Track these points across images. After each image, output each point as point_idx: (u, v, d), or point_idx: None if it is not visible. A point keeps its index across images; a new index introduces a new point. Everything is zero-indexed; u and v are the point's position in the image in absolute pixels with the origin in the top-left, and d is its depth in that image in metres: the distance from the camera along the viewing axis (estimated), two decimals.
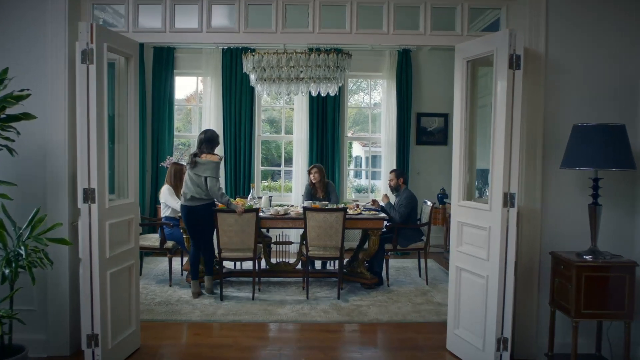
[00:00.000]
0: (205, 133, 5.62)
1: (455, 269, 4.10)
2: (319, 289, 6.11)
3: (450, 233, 4.18)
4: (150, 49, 8.21)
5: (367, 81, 13.37)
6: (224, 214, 5.46)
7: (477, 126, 4.42)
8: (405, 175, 6.59)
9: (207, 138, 5.56)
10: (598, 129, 3.49)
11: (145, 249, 6.23)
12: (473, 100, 4.31)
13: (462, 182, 4.08)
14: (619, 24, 3.94)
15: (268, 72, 6.25)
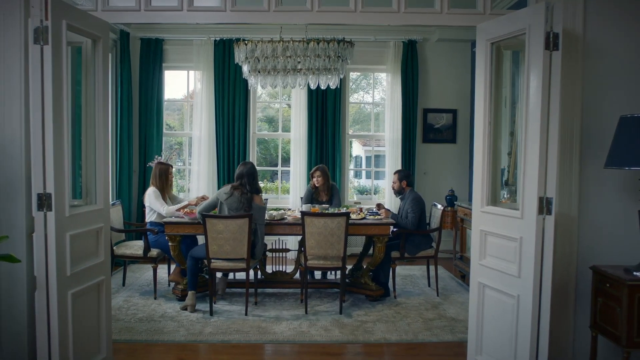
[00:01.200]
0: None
1: (477, 286, 3.52)
2: (318, 301, 5.54)
3: (472, 243, 3.60)
4: (137, 41, 7.65)
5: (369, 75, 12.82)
6: (212, 219, 4.89)
7: (502, 120, 3.81)
8: (411, 178, 6.02)
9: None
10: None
11: (128, 257, 5.67)
12: (497, 90, 3.67)
13: (485, 184, 3.50)
14: None
15: (262, 63, 5.67)
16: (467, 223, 6.21)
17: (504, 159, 3.92)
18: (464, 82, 7.96)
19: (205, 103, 7.68)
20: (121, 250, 5.67)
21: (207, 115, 7.68)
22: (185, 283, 5.54)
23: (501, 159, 3.82)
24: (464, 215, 6.24)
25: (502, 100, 3.85)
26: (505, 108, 6.68)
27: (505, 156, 4.01)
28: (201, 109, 7.70)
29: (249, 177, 5.05)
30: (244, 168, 5.12)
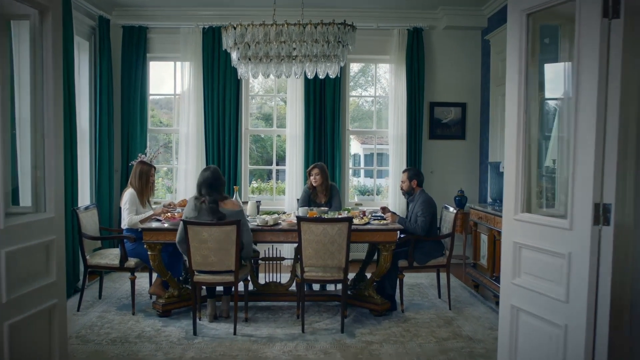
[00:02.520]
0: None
1: (508, 309, 2.91)
2: (317, 316, 4.93)
3: (503, 257, 2.98)
4: (119, 29, 7.01)
5: (368, 72, 12.16)
6: (195, 226, 4.27)
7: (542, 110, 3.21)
8: (422, 177, 5.41)
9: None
10: None
11: (103, 267, 5.04)
12: (534, 74, 3.05)
13: (521, 187, 2.88)
14: None
15: (253, 49, 5.04)
16: (481, 227, 5.60)
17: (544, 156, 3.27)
18: (474, 73, 7.35)
19: (193, 97, 7.06)
20: (95, 260, 5.04)
21: (195, 110, 7.06)
22: (168, 297, 4.93)
23: (543, 156, 3.18)
24: (477, 218, 5.63)
25: (537, 87, 3.21)
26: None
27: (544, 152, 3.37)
28: (189, 103, 7.07)
29: (209, 187, 4.43)
30: (201, 177, 4.52)
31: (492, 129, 6.84)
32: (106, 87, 6.69)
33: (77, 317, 4.86)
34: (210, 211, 4.33)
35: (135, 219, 5.00)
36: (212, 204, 4.34)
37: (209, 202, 4.35)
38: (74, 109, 5.63)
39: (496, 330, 4.59)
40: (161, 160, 8.05)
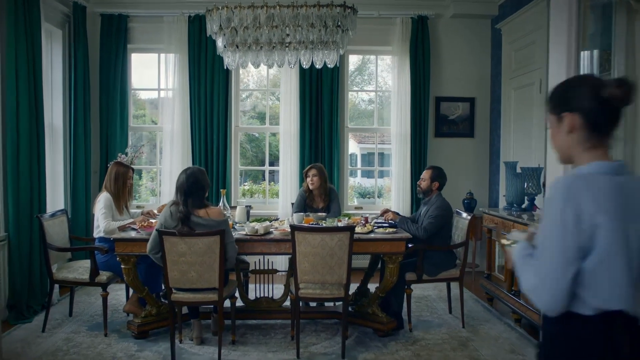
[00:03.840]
0: None
1: None
2: (314, 337, 4.36)
3: None
4: (97, 17, 6.43)
5: (367, 67, 11.56)
6: (171, 237, 3.68)
7: None
8: (445, 180, 4.85)
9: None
10: None
11: (71, 283, 4.45)
12: None
13: None
14: None
15: (241, 35, 4.48)
16: (496, 234, 5.03)
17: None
18: (484, 65, 6.79)
19: (178, 91, 6.48)
20: (62, 274, 4.45)
21: (180, 105, 6.47)
22: (144, 315, 4.34)
23: None
24: (492, 224, 5.06)
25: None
26: (540, 94, 5.50)
27: None
28: (174, 99, 6.50)
29: (184, 193, 3.81)
30: (177, 181, 3.90)
31: (505, 126, 6.27)
32: (82, 80, 6.09)
33: (41, 340, 4.26)
34: (180, 220, 3.73)
35: (113, 225, 4.43)
36: (181, 212, 3.73)
37: (179, 210, 3.74)
38: (40, 103, 5.03)
39: (519, 354, 4.03)
40: (145, 160, 7.45)
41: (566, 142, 1.65)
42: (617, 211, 1.51)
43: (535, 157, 5.44)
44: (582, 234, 1.50)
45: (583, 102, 1.59)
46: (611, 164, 1.59)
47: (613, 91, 1.55)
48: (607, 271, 1.50)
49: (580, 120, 1.60)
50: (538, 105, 5.43)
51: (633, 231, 1.52)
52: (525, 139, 5.74)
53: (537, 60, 5.47)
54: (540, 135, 5.35)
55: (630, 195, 1.54)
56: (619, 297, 1.51)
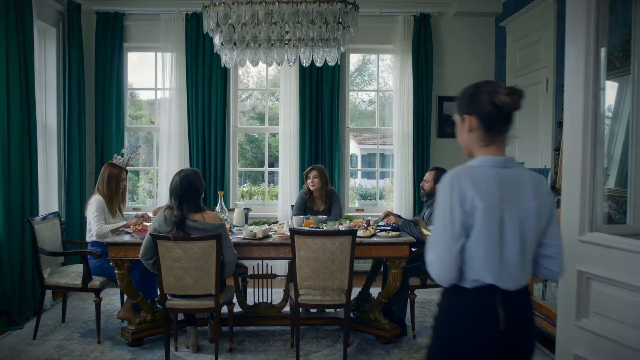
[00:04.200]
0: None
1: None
2: (315, 344, 4.21)
3: (560, 291, 2.25)
4: (92, 15, 6.27)
5: (368, 67, 11.41)
6: (166, 242, 3.54)
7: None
8: None
9: None
10: None
11: (63, 288, 4.31)
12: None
13: (587, 197, 2.14)
14: None
15: (239, 32, 4.32)
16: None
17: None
18: (487, 64, 6.64)
19: (175, 91, 6.33)
20: (54, 279, 4.30)
21: (177, 105, 6.32)
22: (139, 322, 4.20)
23: (611, 154, 2.45)
24: None
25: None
26: (547, 92, 5.35)
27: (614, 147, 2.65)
28: (171, 98, 6.35)
29: (177, 196, 3.67)
30: (171, 184, 3.76)
31: None
32: (77, 79, 5.95)
33: (32, 348, 4.12)
34: (174, 224, 3.58)
35: (106, 228, 4.29)
36: (176, 217, 3.59)
37: (174, 215, 3.60)
38: (32, 102, 4.89)
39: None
40: (144, 161, 7.31)
41: (467, 140, 1.89)
42: (492, 198, 1.74)
43: (541, 158, 5.30)
44: (464, 214, 1.75)
45: (480, 106, 1.82)
46: (496, 159, 1.82)
47: (504, 98, 1.78)
48: (481, 248, 1.75)
49: (478, 122, 1.83)
50: (545, 105, 5.28)
51: (509, 217, 1.76)
52: (531, 140, 5.59)
53: (543, 59, 5.32)
54: (547, 136, 5.21)
55: (509, 185, 1.77)
56: (488, 272, 1.74)
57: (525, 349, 1.85)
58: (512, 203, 1.77)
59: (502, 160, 1.83)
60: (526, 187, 1.81)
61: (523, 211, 1.78)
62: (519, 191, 1.79)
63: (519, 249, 1.77)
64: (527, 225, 1.78)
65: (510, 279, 1.76)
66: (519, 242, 1.77)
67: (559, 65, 5.03)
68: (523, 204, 1.78)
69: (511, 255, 1.76)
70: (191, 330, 4.03)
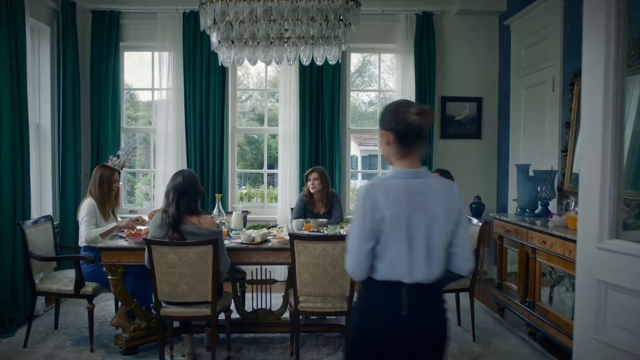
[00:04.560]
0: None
1: None
2: (315, 352, 4.07)
3: (578, 301, 2.12)
4: (87, 14, 6.13)
5: (368, 68, 11.25)
6: (160, 247, 3.40)
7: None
8: None
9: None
10: None
11: (54, 294, 4.17)
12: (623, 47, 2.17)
13: (608, 202, 2.01)
14: None
15: (237, 30, 4.19)
16: (509, 242, 4.75)
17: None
18: (492, 63, 6.51)
19: (173, 91, 6.19)
20: (45, 285, 4.17)
21: (175, 105, 6.18)
22: (133, 329, 4.06)
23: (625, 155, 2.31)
24: (504, 231, 4.77)
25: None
26: (553, 92, 5.22)
27: None
28: (168, 99, 6.21)
29: (179, 193, 3.52)
30: (171, 183, 3.61)
31: (514, 127, 5.98)
32: (71, 79, 5.81)
33: (22, 356, 3.98)
34: (170, 226, 3.44)
35: (95, 233, 4.15)
36: (173, 217, 3.45)
37: (171, 214, 3.46)
38: (24, 102, 4.76)
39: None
40: (143, 163, 7.17)
41: (386, 152, 2.10)
42: (401, 206, 1.97)
43: (548, 159, 5.16)
44: (374, 221, 1.97)
45: (395, 123, 2.03)
46: (407, 171, 2.03)
47: (413, 117, 2.00)
48: (389, 250, 1.98)
49: (393, 137, 2.04)
50: (551, 105, 5.14)
51: (416, 221, 1.98)
52: (537, 141, 5.45)
53: (549, 58, 5.19)
54: (554, 137, 5.07)
55: (417, 194, 1.99)
56: (396, 270, 1.99)
57: (435, 340, 2.07)
58: (420, 209, 1.99)
59: (413, 172, 2.04)
60: (435, 195, 2.02)
61: (430, 216, 2.00)
62: (427, 199, 2.01)
63: (425, 249, 1.99)
64: (434, 228, 2.00)
65: (417, 275, 1.99)
66: (425, 243, 1.99)
67: (566, 65, 4.90)
68: (431, 210, 2.00)
69: (418, 255, 1.99)
70: (187, 338, 3.89)
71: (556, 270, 3.88)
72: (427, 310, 2.02)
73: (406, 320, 1.98)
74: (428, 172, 2.09)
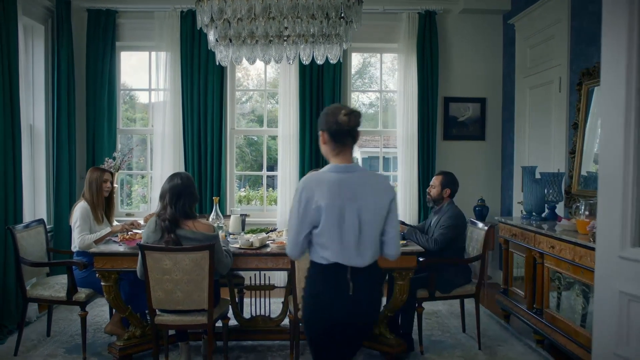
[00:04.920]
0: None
1: None
2: None
3: (596, 314, 1.99)
4: (83, 13, 6.01)
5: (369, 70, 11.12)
6: (154, 252, 3.26)
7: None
8: (457, 187, 4.45)
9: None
10: None
11: (46, 301, 4.04)
12: None
13: (633, 210, 1.87)
14: None
15: (235, 28, 4.05)
16: (515, 246, 4.61)
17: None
18: (495, 63, 6.38)
19: (170, 91, 6.06)
20: (37, 291, 4.03)
21: (172, 106, 6.05)
22: (128, 337, 3.91)
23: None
24: (510, 235, 4.64)
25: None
26: (560, 92, 5.09)
27: None
28: (165, 99, 6.08)
29: (177, 195, 3.37)
30: (167, 184, 3.45)
31: (519, 128, 5.85)
32: (66, 79, 5.69)
33: None
34: (165, 229, 3.30)
35: (88, 239, 4.02)
36: (169, 219, 3.31)
37: (167, 217, 3.32)
38: (16, 102, 4.63)
39: None
40: (142, 165, 7.03)
41: (324, 149, 2.39)
42: (334, 197, 2.22)
43: (554, 161, 5.03)
44: (311, 211, 2.22)
45: (328, 124, 2.32)
46: (341, 165, 2.31)
47: (342, 118, 2.28)
48: (326, 236, 2.23)
49: (328, 136, 2.33)
50: (558, 105, 5.01)
51: (348, 210, 2.23)
52: (543, 142, 5.32)
53: (556, 57, 5.06)
54: (561, 138, 4.93)
55: (349, 186, 2.24)
56: (332, 252, 2.24)
57: (369, 313, 2.37)
58: (352, 199, 2.24)
59: (346, 167, 2.31)
60: (366, 186, 2.28)
61: (361, 206, 2.25)
62: (358, 190, 2.26)
63: (356, 235, 2.25)
64: (365, 216, 2.25)
65: (350, 258, 2.25)
66: (357, 229, 2.25)
67: (573, 64, 4.77)
68: (361, 200, 2.25)
69: (349, 240, 2.25)
70: (183, 347, 3.75)
71: (565, 276, 3.74)
72: (366, 290, 2.30)
73: (350, 297, 2.25)
74: (360, 167, 2.36)
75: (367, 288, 2.29)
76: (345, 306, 2.26)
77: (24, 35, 5.11)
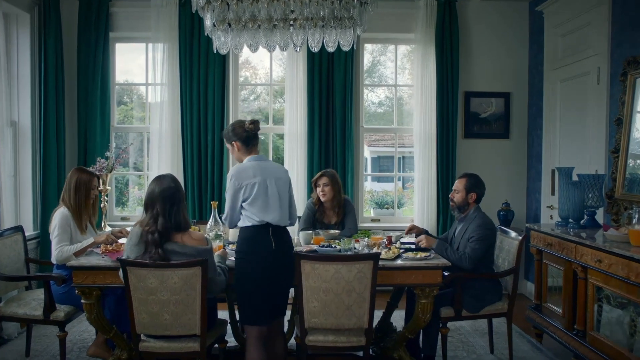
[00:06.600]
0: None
1: None
2: None
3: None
4: (74, 1, 5.56)
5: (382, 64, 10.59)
6: (138, 269, 2.78)
7: None
8: (483, 190, 3.93)
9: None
10: None
11: (20, 319, 3.58)
12: None
13: None
14: None
15: (235, 10, 3.57)
16: (550, 257, 4.08)
17: None
18: (521, 55, 5.86)
19: (168, 86, 5.60)
20: (11, 309, 3.57)
21: (170, 102, 5.60)
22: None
23: None
24: (544, 245, 4.12)
25: None
26: (598, 85, 4.56)
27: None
28: (162, 95, 5.62)
29: (168, 201, 2.88)
30: (156, 187, 2.92)
31: (547, 125, 5.32)
32: (54, 72, 5.24)
33: None
34: (154, 243, 2.81)
35: (67, 251, 3.56)
36: (160, 231, 2.82)
37: (158, 229, 2.82)
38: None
39: None
40: (139, 165, 6.57)
41: (237, 155, 3.18)
42: (257, 175, 3.01)
43: (592, 161, 4.50)
44: (242, 189, 2.99)
45: (238, 135, 3.13)
46: (255, 156, 3.13)
47: (249, 127, 3.14)
48: (256, 204, 2.98)
49: (240, 143, 3.15)
50: (595, 99, 4.49)
51: (270, 183, 3.02)
52: (576, 140, 4.80)
53: (592, 45, 4.54)
54: (600, 136, 4.41)
55: (266, 169, 3.07)
56: (262, 215, 2.98)
57: (288, 264, 3.01)
58: (270, 176, 3.04)
59: (258, 157, 3.14)
60: (274, 167, 3.16)
61: (277, 179, 3.06)
62: (270, 170, 3.08)
63: (278, 200, 3.02)
64: (280, 186, 3.06)
65: (275, 219, 2.99)
66: (278, 197, 3.02)
67: (616, 52, 4.25)
68: (275, 174, 3.07)
69: (273, 204, 3.00)
70: None
71: (616, 295, 3.23)
72: (284, 244, 3.04)
73: (273, 250, 2.95)
74: (266, 157, 3.23)
75: (285, 242, 3.06)
76: (269, 257, 2.94)
77: (5, 23, 4.69)
